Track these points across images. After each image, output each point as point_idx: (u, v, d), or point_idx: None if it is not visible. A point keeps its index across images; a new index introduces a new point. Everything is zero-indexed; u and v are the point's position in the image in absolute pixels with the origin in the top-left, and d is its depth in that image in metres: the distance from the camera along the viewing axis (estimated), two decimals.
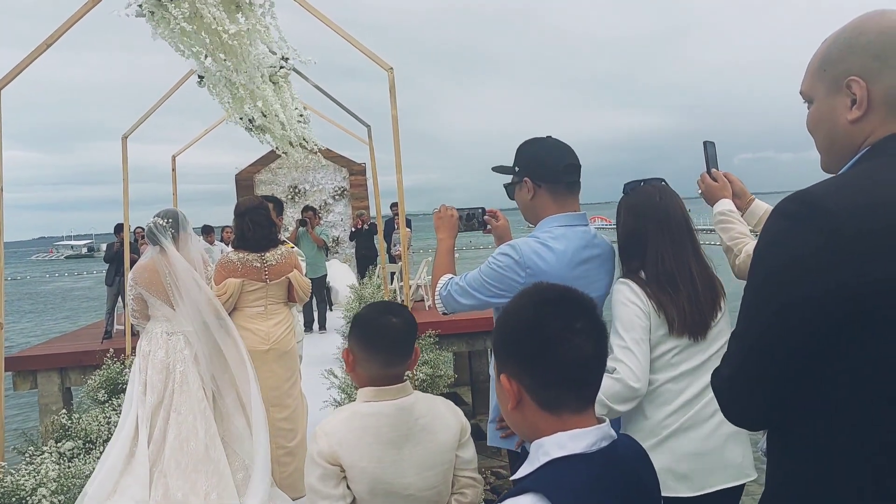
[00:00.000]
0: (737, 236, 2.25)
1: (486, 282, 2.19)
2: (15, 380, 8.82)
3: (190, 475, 3.71)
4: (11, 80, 4.02)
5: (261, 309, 4.20)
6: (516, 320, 1.17)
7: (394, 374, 1.87)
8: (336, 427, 1.84)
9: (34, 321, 27.41)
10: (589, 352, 1.13)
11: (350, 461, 1.79)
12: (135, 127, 6.89)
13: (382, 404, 1.83)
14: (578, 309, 1.15)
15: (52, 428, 4.70)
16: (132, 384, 3.98)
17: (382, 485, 1.80)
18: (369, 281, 10.96)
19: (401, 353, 1.88)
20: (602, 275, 2.28)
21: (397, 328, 1.86)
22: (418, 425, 1.85)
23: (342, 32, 4.76)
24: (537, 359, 1.13)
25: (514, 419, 1.19)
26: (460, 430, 1.92)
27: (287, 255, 4.28)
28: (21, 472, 3.57)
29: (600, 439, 1.12)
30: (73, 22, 4.18)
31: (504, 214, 2.59)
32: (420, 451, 1.84)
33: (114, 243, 10.17)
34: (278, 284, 4.23)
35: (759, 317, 1.17)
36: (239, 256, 4.14)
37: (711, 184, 2.38)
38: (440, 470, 1.87)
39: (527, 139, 2.33)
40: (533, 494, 1.04)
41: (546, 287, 1.21)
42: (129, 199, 7.09)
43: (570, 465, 1.08)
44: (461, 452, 1.93)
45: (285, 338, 4.25)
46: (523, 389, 1.15)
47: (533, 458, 1.13)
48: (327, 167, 15.78)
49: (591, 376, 1.15)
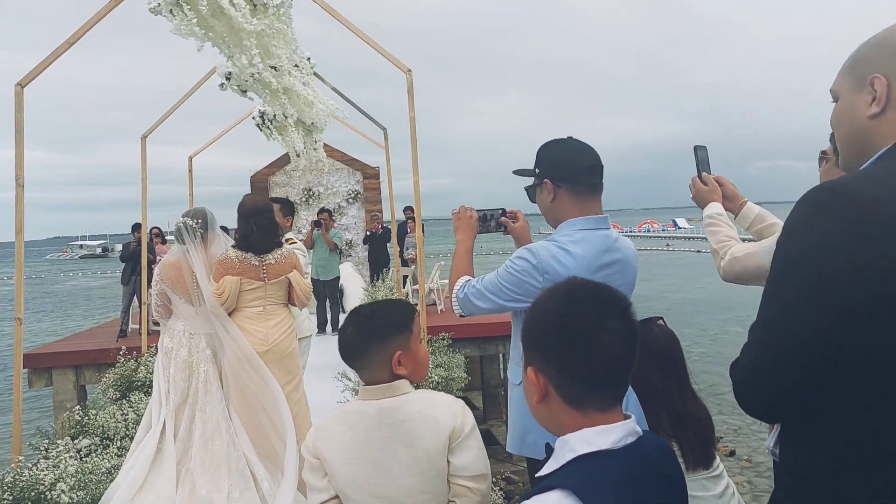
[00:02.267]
0: (723, 239, 2.25)
1: (503, 285, 2.17)
2: (30, 377, 8.89)
3: (214, 473, 3.74)
4: (34, 79, 4.08)
5: (259, 309, 4.11)
6: (547, 315, 1.17)
7: (366, 377, 1.85)
8: (326, 422, 1.88)
9: (50, 319, 27.63)
10: (619, 352, 1.12)
11: (328, 457, 1.80)
12: (153, 127, 6.95)
13: (366, 404, 1.82)
14: (611, 307, 1.14)
15: (69, 424, 4.74)
16: (157, 381, 4.01)
17: (361, 484, 1.78)
18: (382, 284, 10.97)
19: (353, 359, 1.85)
20: (623, 280, 2.24)
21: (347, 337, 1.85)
22: (402, 427, 1.78)
23: (362, 35, 4.78)
24: (565, 355, 1.12)
25: (539, 413, 1.19)
26: (450, 435, 1.78)
27: (287, 255, 4.19)
28: (39, 467, 3.60)
29: (626, 435, 1.11)
30: (94, 22, 4.23)
31: (524, 216, 2.57)
32: (405, 454, 1.77)
33: (130, 243, 10.25)
34: (277, 284, 4.15)
35: (781, 300, 1.16)
36: (238, 254, 4.07)
37: (701, 188, 2.39)
38: (429, 476, 1.78)
39: (547, 141, 2.31)
40: (560, 491, 1.04)
41: (580, 283, 1.20)
42: (146, 199, 7.15)
43: (598, 462, 1.07)
44: (454, 458, 1.79)
45: (285, 339, 4.14)
46: (550, 384, 1.15)
47: (558, 454, 1.13)
48: (341, 170, 15.83)
49: (619, 376, 1.14)
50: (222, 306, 4.00)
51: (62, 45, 4.11)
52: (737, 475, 8.34)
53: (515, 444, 2.27)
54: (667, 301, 21.34)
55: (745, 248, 2.16)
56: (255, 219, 4.10)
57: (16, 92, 4.03)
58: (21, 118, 4.05)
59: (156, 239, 9.99)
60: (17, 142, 4.03)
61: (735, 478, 8.13)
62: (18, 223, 4.07)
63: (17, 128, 4.03)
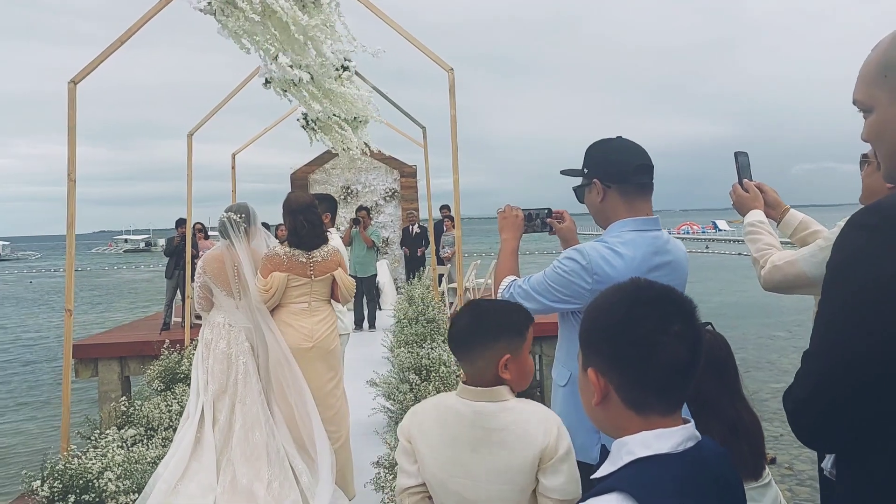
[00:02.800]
0: (763, 248, 2.20)
1: (550, 286, 2.13)
2: (77, 367, 9.13)
3: (254, 464, 3.81)
4: (87, 76, 4.18)
5: (304, 305, 4.16)
6: (609, 316, 1.14)
7: (470, 372, 1.82)
8: (422, 408, 1.88)
9: (96, 311, 28.39)
10: (683, 357, 1.09)
11: (419, 445, 1.81)
12: (200, 125, 7.07)
13: (464, 403, 1.80)
14: (676, 311, 1.12)
15: (115, 414, 4.85)
16: (195, 371, 4.09)
17: (444, 481, 1.78)
18: (418, 282, 11.01)
19: (462, 349, 1.81)
20: (674, 283, 2.20)
21: (462, 325, 1.81)
22: (494, 436, 1.75)
23: (404, 32, 4.80)
24: (628, 359, 1.10)
25: (596, 415, 1.17)
26: (541, 454, 1.73)
27: (333, 252, 4.25)
28: (88, 456, 3.69)
29: (686, 440, 1.09)
30: (144, 20, 4.31)
31: (570, 216, 2.53)
32: (492, 462, 1.75)
33: (174, 238, 10.44)
34: (322, 281, 4.20)
35: (834, 329, 1.13)
36: (285, 251, 4.12)
37: (742, 194, 2.33)
38: (511, 489, 1.75)
39: (596, 140, 2.27)
40: (619, 494, 1.02)
41: (644, 284, 1.17)
42: (191, 195, 7.29)
43: (657, 465, 1.05)
44: (545, 479, 1.75)
45: (329, 336, 4.20)
46: (611, 387, 1.13)
47: (615, 456, 1.11)
48: (379, 168, 15.95)
49: (683, 382, 1.12)
50: (267, 302, 4.05)
51: (114, 43, 4.20)
52: (778, 483, 8.18)
53: None
54: (705, 305, 20.98)
55: (785, 256, 2.10)
56: (304, 214, 4.16)
57: (69, 89, 4.13)
58: (74, 115, 4.15)
59: (198, 234, 10.17)
60: (70, 138, 4.13)
61: (779, 484, 7.97)
62: (70, 217, 4.17)
63: (70, 124, 4.13)
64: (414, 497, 1.85)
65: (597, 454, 1.21)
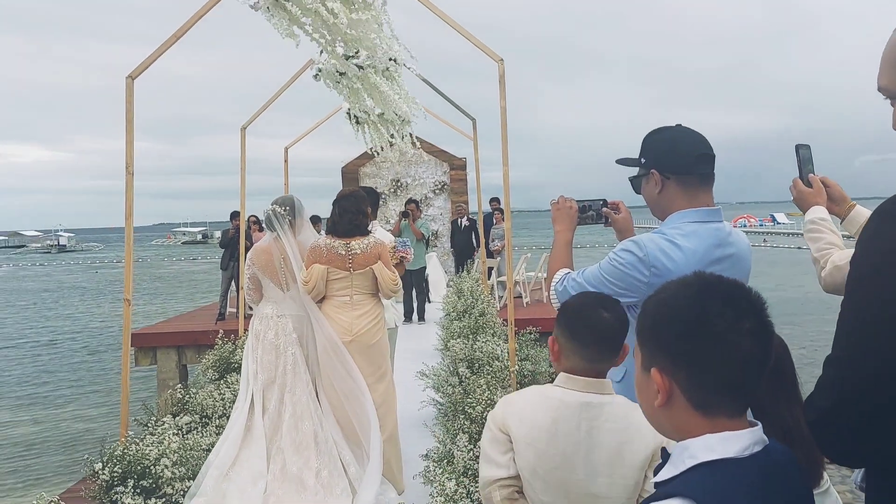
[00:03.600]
0: (824, 247, 2.06)
1: (605, 279, 2.06)
2: (137, 355, 9.43)
3: (303, 452, 3.87)
4: (143, 71, 4.28)
5: (346, 299, 4.13)
6: (676, 313, 1.07)
7: (598, 368, 1.79)
8: (517, 398, 1.84)
9: (158, 302, 29.36)
10: (756, 355, 1.03)
11: (517, 434, 1.76)
12: (252, 119, 7.19)
13: (569, 392, 1.76)
14: (749, 307, 1.06)
15: (171, 402, 4.98)
16: (246, 361, 4.17)
17: (546, 472, 1.73)
18: (467, 275, 10.99)
19: (609, 350, 1.78)
20: (736, 276, 2.11)
21: (609, 323, 1.77)
22: (603, 428, 1.72)
23: (454, 23, 4.76)
24: (698, 357, 1.04)
25: (657, 416, 1.11)
26: (654, 452, 1.71)
27: (373, 245, 4.18)
28: (145, 442, 3.80)
29: (753, 444, 1.02)
30: (199, 16, 4.38)
31: (626, 207, 2.46)
32: (598, 455, 1.72)
33: (229, 230, 10.67)
34: (363, 275, 4.15)
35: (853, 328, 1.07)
36: (326, 242, 4.11)
37: (804, 189, 2.18)
38: (618, 483, 1.72)
39: (654, 128, 2.18)
40: (681, 499, 0.96)
41: (712, 279, 1.11)
42: (245, 188, 7.42)
43: (722, 470, 0.99)
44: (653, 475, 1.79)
45: (370, 330, 4.14)
46: (676, 387, 1.06)
47: (677, 460, 1.05)
48: (429, 162, 15.99)
49: (753, 381, 1.05)
50: (310, 294, 4.06)
51: (169, 39, 4.28)
52: (838, 484, 7.91)
53: None
54: None
55: (847, 256, 1.96)
56: (340, 203, 4.19)
57: (126, 84, 4.23)
58: (131, 109, 4.26)
59: (253, 226, 10.37)
60: (128, 132, 4.23)
61: (836, 487, 7.67)
62: (128, 209, 4.29)
63: (128, 118, 4.24)
64: (505, 490, 1.78)
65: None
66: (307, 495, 3.73)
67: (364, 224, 4.23)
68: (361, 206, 4.24)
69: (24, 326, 24.42)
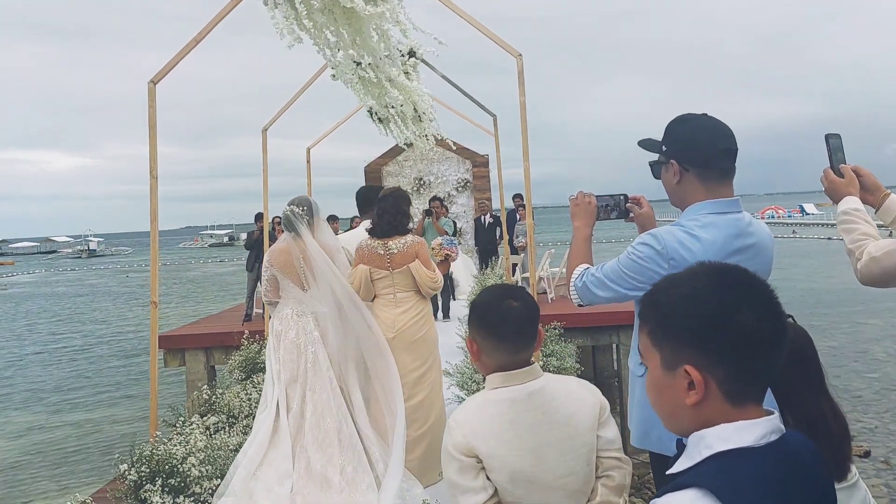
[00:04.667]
0: (859, 238, 2.01)
1: (624, 273, 2.05)
2: (165, 357, 9.54)
3: (326, 450, 3.90)
4: (165, 76, 4.32)
5: (390, 297, 4.33)
6: (703, 305, 1.05)
7: (521, 359, 1.80)
8: (468, 417, 1.80)
9: (190, 303, 29.80)
10: (777, 339, 1.04)
11: (486, 451, 1.74)
12: (273, 120, 7.23)
13: (513, 389, 1.77)
14: (759, 291, 1.06)
15: (199, 402, 5.03)
16: (269, 362, 4.21)
17: (522, 473, 1.73)
18: (491, 272, 10.96)
19: (526, 338, 1.81)
20: (757, 267, 2.06)
21: (520, 312, 1.79)
22: (553, 407, 1.76)
23: (471, 20, 4.74)
24: (736, 349, 1.02)
25: (683, 414, 1.07)
26: (599, 409, 1.81)
27: (411, 244, 4.32)
28: (173, 442, 3.85)
29: (770, 432, 1.01)
30: (218, 20, 4.42)
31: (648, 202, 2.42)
32: (559, 435, 1.75)
33: (253, 231, 10.76)
34: (403, 273, 4.31)
35: None
36: (367, 243, 4.30)
37: (835, 179, 2.13)
38: (581, 453, 1.77)
39: (679, 115, 2.14)
40: (696, 490, 0.95)
41: (717, 266, 1.10)
42: (268, 189, 7.47)
43: (738, 459, 0.97)
44: (602, 432, 1.82)
45: (413, 326, 4.30)
46: (712, 381, 1.03)
47: (692, 451, 1.03)
48: (451, 159, 15.98)
49: (776, 365, 1.05)
50: (358, 294, 4.23)
51: (190, 43, 4.32)
52: (872, 477, 7.76)
53: (638, 437, 2.15)
54: (792, 292, 20.10)
55: (883, 246, 1.92)
56: (379, 203, 4.37)
57: (149, 89, 4.28)
58: (154, 114, 4.31)
59: (277, 227, 10.42)
60: (151, 136, 4.29)
61: (870, 480, 7.52)
62: (153, 212, 4.34)
63: (151, 123, 4.29)
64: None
65: (674, 446, 1.14)
66: (332, 493, 3.76)
67: (403, 224, 4.38)
68: (401, 205, 4.39)
69: (58, 331, 24.93)
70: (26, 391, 15.67)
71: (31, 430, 12.49)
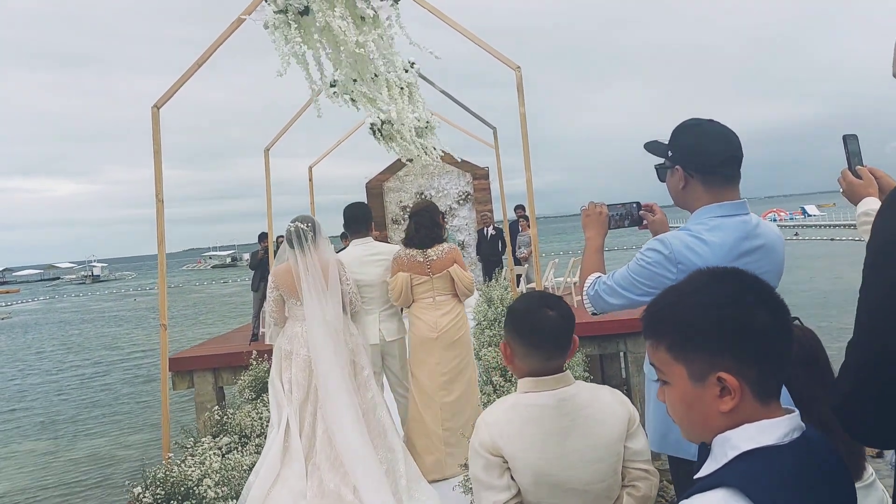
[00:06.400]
0: None
1: (634, 279, 2.05)
2: (174, 379, 9.54)
3: (339, 468, 3.89)
4: (168, 99, 4.37)
5: (430, 300, 4.64)
6: (737, 311, 1.05)
7: (553, 366, 1.83)
8: (497, 418, 1.85)
9: (200, 326, 29.80)
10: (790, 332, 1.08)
11: (511, 452, 1.78)
12: (275, 140, 7.29)
13: (543, 395, 1.80)
14: (769, 290, 1.09)
15: (210, 423, 5.03)
16: (273, 385, 4.20)
17: (546, 477, 1.76)
18: (496, 283, 10.95)
19: (561, 346, 1.84)
20: (767, 268, 2.05)
21: (555, 321, 1.83)
22: (582, 415, 1.79)
23: (469, 34, 4.79)
24: (761, 348, 1.04)
25: (717, 422, 1.06)
26: (628, 420, 1.84)
27: (448, 250, 4.67)
28: (187, 464, 3.84)
29: (792, 430, 1.03)
30: (219, 43, 4.46)
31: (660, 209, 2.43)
32: (586, 443, 1.77)
33: (257, 251, 10.78)
34: (441, 278, 4.63)
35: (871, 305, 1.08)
36: (406, 252, 4.62)
37: (854, 181, 2.13)
38: (608, 462, 1.80)
39: (686, 121, 2.15)
40: (725, 490, 0.96)
41: (733, 271, 1.12)
42: (271, 209, 7.51)
43: (765, 458, 0.99)
44: (630, 443, 1.84)
45: (453, 327, 4.63)
46: (746, 385, 1.04)
47: (718, 453, 1.04)
48: (451, 173, 16.02)
49: (791, 358, 1.08)
50: (397, 301, 4.60)
51: (192, 67, 4.37)
52: (886, 478, 7.70)
53: (656, 441, 2.15)
54: (797, 295, 20.06)
55: None
56: (415, 218, 4.73)
57: (153, 114, 4.33)
58: (158, 138, 4.35)
59: None
60: (156, 161, 4.32)
61: (883, 481, 7.44)
62: (160, 236, 4.36)
63: (156, 148, 4.33)
64: None
65: (696, 450, 1.15)
66: None
67: (439, 235, 4.74)
68: (435, 218, 4.77)
69: (66, 359, 24.91)
70: (39, 421, 15.68)
71: (45, 458, 12.49)
